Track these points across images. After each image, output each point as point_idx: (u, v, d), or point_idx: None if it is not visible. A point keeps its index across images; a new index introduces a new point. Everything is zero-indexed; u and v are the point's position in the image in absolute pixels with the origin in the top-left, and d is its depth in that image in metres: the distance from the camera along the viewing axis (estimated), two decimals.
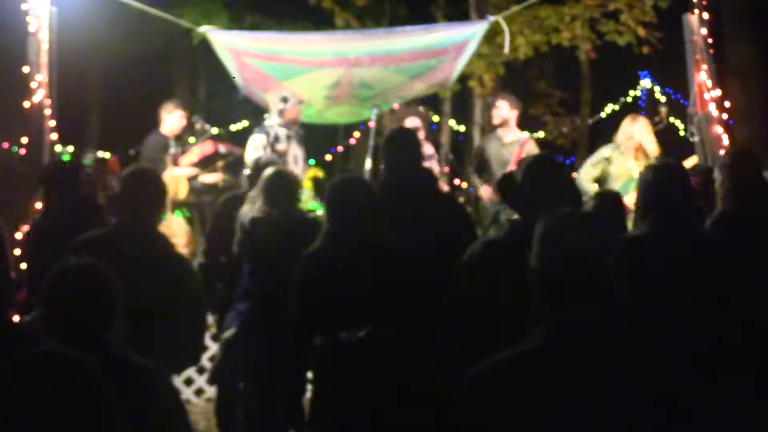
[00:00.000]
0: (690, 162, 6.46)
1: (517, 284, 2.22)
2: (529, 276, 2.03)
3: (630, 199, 5.13)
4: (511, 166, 6.33)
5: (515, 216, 3.46)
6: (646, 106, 11.08)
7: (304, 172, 7.31)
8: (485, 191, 7.26)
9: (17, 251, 5.48)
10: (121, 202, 3.78)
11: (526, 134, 7.55)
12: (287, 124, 7.13)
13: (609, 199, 4.53)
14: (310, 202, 6.53)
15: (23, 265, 5.48)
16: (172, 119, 7.44)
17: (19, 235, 5.51)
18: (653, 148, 6.65)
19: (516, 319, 2.26)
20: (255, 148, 6.96)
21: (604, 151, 6.80)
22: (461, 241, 3.86)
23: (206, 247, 5.60)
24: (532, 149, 7.20)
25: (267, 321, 4.53)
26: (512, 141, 7.27)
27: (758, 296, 3.21)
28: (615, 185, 6.39)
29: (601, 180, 6.74)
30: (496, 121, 7.34)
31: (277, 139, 7.01)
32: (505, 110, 7.30)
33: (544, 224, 2.04)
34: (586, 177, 6.74)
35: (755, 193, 4.20)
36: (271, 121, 7.15)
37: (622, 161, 6.66)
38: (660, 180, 3.36)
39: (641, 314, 2.62)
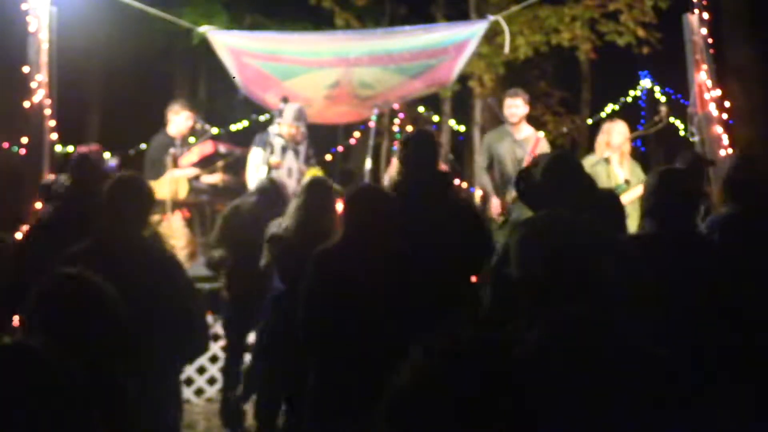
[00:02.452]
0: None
1: None
2: (513, 284, 2.04)
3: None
4: (525, 164, 6.06)
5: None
6: (646, 106, 11.08)
7: (298, 183, 7.25)
8: (495, 205, 6.84)
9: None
10: (106, 211, 3.79)
11: (534, 131, 7.28)
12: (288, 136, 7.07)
13: (605, 199, 4.51)
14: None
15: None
16: (178, 120, 7.42)
17: (19, 235, 5.50)
18: (626, 149, 6.71)
19: None
20: (256, 167, 6.93)
21: (590, 158, 6.76)
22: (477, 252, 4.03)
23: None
24: (545, 146, 7.06)
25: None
26: (525, 138, 7.02)
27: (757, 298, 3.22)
28: None
29: None
30: (513, 119, 7.05)
31: (272, 150, 6.98)
32: (521, 107, 7.09)
33: (521, 230, 2.05)
34: None
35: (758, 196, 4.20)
36: (272, 129, 7.11)
37: (608, 167, 6.63)
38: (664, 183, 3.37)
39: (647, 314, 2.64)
